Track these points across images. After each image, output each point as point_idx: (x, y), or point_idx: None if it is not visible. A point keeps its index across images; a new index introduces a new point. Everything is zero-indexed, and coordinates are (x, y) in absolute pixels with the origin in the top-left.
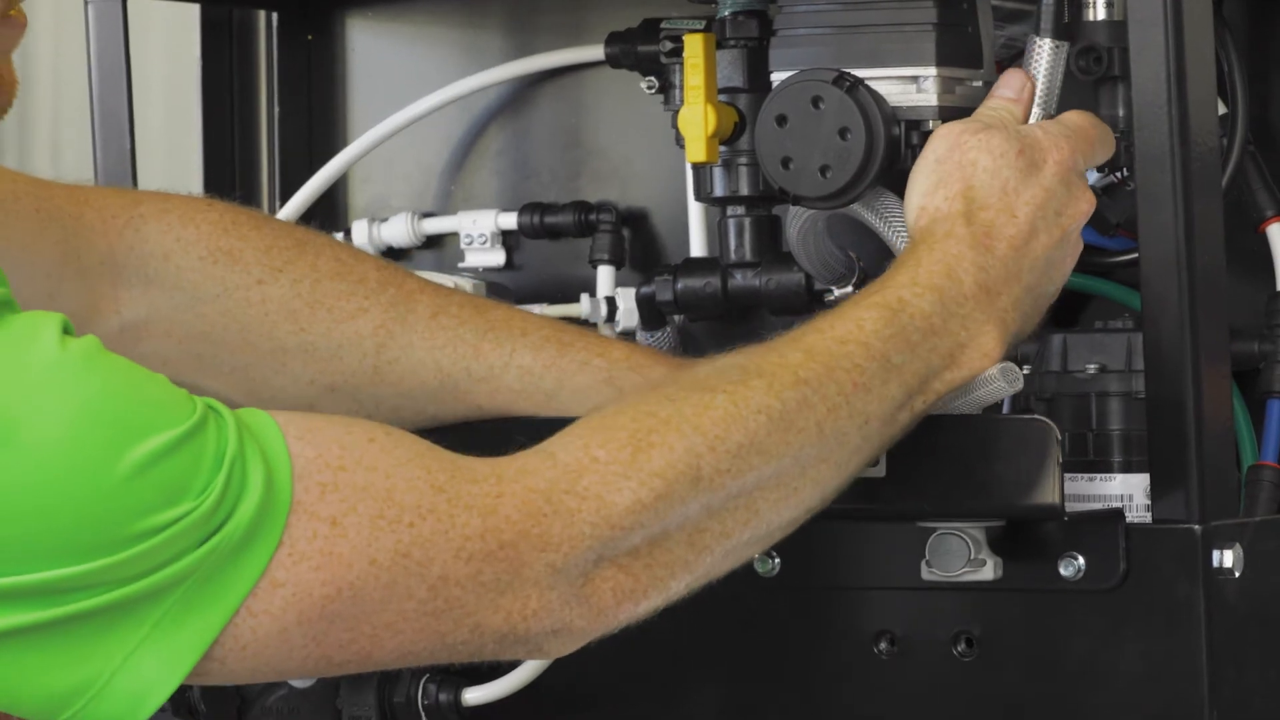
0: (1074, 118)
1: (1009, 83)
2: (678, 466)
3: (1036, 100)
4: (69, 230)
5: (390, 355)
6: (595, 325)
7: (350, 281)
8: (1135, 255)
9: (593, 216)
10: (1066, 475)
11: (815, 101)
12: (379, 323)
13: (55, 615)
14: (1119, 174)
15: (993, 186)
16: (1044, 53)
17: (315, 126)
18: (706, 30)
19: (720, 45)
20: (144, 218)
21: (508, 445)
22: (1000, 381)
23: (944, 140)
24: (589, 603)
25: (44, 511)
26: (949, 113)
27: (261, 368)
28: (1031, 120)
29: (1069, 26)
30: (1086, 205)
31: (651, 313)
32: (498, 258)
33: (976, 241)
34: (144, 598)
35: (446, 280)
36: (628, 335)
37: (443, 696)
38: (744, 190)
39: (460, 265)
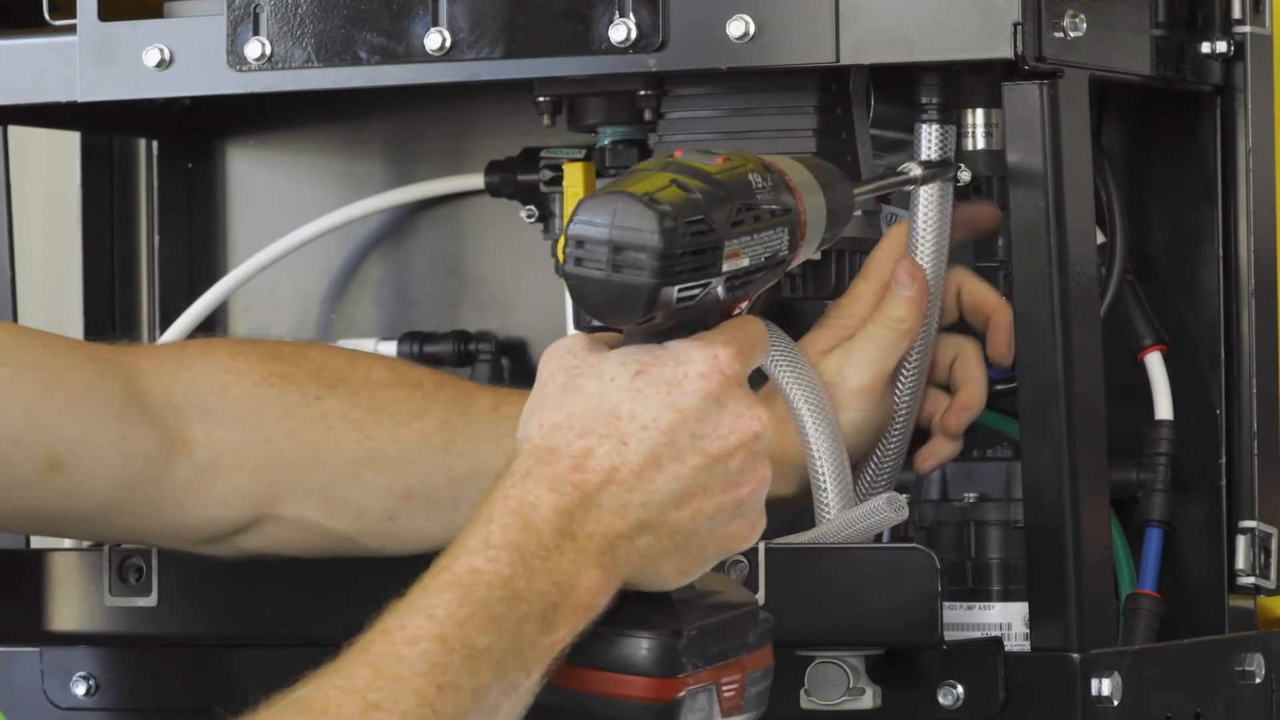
0: (737, 321)
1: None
2: None
3: (928, 244)
4: (127, 377)
5: (459, 450)
6: None
7: (406, 387)
8: (1014, 384)
9: (472, 346)
10: (945, 604)
11: None
12: (442, 419)
13: None
14: None
15: (597, 413)
16: (931, 197)
17: (195, 254)
18: (586, 159)
19: (600, 174)
20: (193, 358)
21: None
22: (886, 511)
23: (550, 361)
24: None
25: None
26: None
27: (337, 484)
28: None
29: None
30: (753, 423)
31: None
32: None
33: (559, 480)
34: None
35: None
36: None
37: None
38: None
39: None
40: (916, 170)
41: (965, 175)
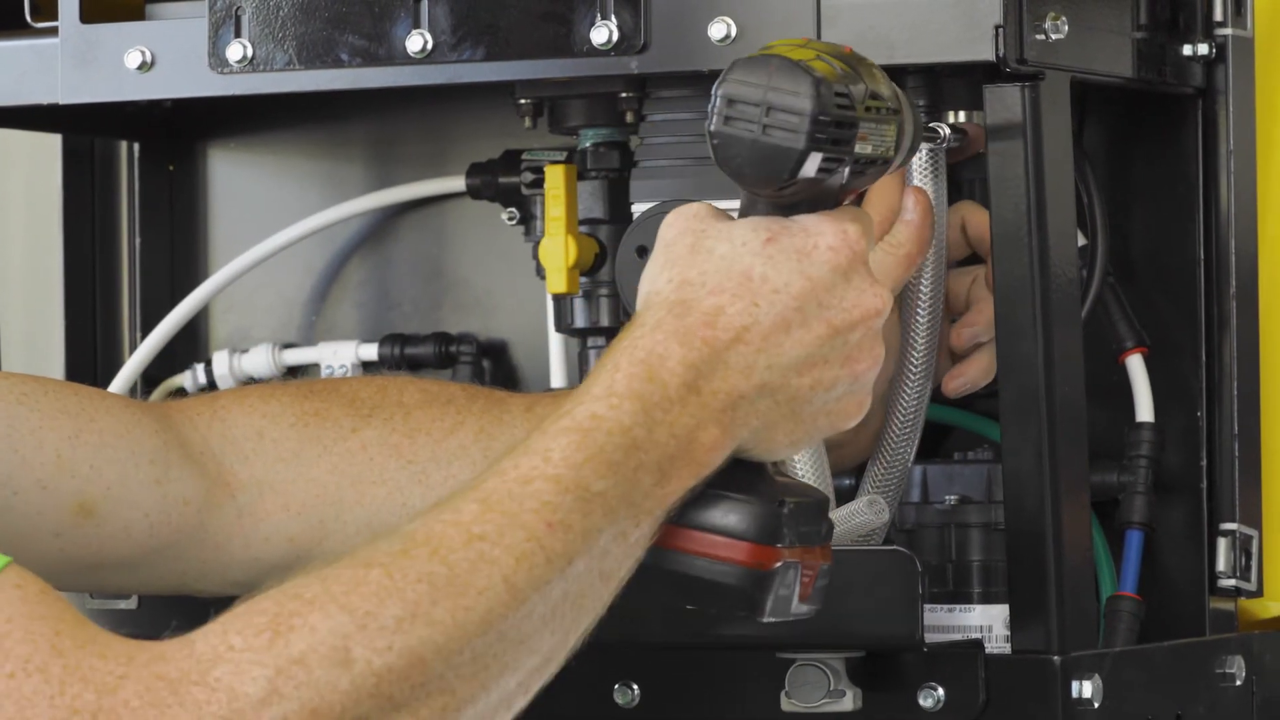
0: (855, 208)
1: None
2: (321, 650)
3: (926, 180)
4: (163, 424)
5: (498, 456)
6: None
7: (439, 404)
8: (995, 386)
9: (453, 348)
10: (926, 606)
11: None
12: (478, 428)
13: None
14: None
15: (730, 273)
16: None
17: (177, 257)
18: (567, 161)
19: (581, 176)
20: (225, 407)
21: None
22: (867, 514)
23: (675, 224)
24: None
25: None
26: None
27: (384, 514)
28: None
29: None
30: (875, 300)
31: None
32: None
33: (690, 334)
34: None
35: None
36: None
37: None
38: (605, 321)
39: None
40: (945, 130)
41: None
